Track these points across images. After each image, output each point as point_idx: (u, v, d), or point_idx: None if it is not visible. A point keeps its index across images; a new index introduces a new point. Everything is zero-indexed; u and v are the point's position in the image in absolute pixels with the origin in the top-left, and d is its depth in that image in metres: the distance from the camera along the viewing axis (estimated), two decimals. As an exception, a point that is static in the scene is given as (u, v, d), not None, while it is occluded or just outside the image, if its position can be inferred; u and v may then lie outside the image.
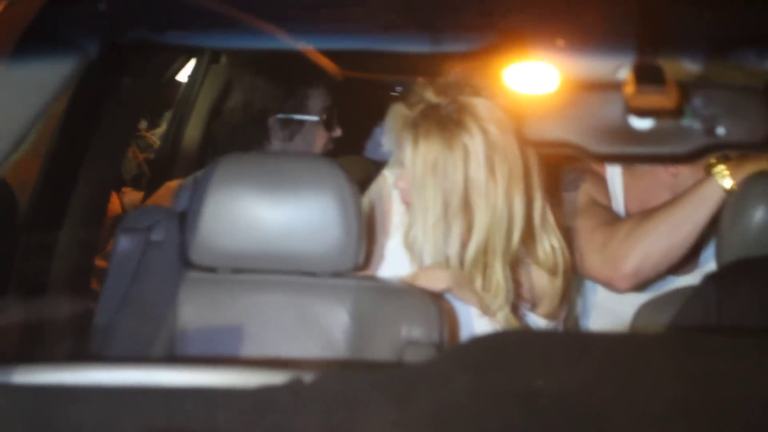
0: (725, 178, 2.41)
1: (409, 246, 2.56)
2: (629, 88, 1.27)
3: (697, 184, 2.50)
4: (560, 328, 2.56)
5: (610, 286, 2.64)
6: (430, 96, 2.35)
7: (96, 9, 1.47)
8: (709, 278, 2.45)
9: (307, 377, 1.31)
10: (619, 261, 2.56)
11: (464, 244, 2.46)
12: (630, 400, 1.19)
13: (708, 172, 2.45)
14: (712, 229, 2.50)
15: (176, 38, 1.87)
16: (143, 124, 4.57)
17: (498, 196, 2.36)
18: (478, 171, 2.34)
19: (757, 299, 2.37)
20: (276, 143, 3.18)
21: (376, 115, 2.82)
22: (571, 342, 1.39)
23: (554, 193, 2.54)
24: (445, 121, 2.33)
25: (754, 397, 1.20)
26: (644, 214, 2.58)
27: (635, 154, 1.40)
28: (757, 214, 2.30)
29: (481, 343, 1.44)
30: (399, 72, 2.63)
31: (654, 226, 2.53)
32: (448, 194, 2.40)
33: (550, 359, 1.28)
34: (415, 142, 2.40)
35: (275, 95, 3.14)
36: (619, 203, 2.78)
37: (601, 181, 2.76)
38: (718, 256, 2.44)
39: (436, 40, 1.52)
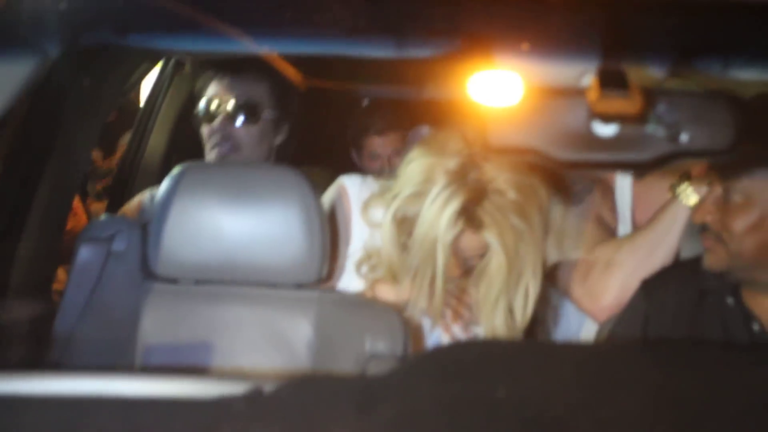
0: (689, 196, 2.45)
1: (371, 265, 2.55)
2: (593, 94, 1.26)
3: (663, 206, 2.58)
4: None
5: (591, 316, 2.68)
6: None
7: (56, 9, 1.45)
8: (640, 289, 2.49)
9: (268, 387, 1.29)
10: (599, 295, 2.63)
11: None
12: (592, 410, 1.18)
13: (672, 192, 2.49)
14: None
15: (139, 41, 1.84)
16: (98, 155, 4.54)
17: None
18: None
19: (676, 305, 2.41)
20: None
21: (339, 126, 2.81)
22: (535, 352, 1.37)
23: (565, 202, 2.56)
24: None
25: (717, 408, 1.19)
26: (619, 243, 2.65)
27: (599, 161, 1.39)
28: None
29: (444, 353, 1.43)
30: (364, 81, 2.63)
31: (629, 254, 2.60)
32: None
33: (512, 369, 1.27)
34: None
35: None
36: (626, 214, 2.81)
37: (609, 192, 2.82)
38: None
39: (400, 45, 1.51)
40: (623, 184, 2.81)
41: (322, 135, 2.70)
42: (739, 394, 1.21)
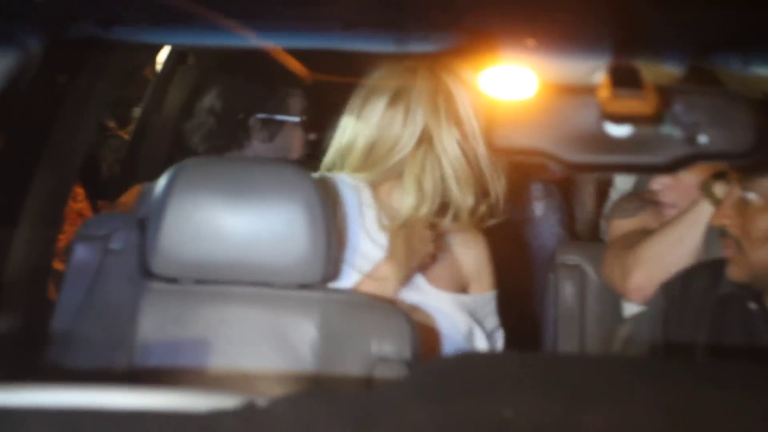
0: (714, 197, 2.41)
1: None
2: (604, 92, 1.18)
3: (691, 203, 2.61)
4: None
5: (625, 297, 2.81)
6: None
7: (34, 1, 1.38)
8: (660, 291, 2.45)
9: (261, 401, 1.23)
10: (627, 275, 2.72)
11: None
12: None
13: (701, 190, 2.44)
14: None
15: (126, 34, 1.78)
16: (112, 123, 4.49)
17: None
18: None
19: (696, 308, 2.36)
20: (256, 144, 3.16)
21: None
22: (546, 366, 1.29)
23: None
24: None
25: (738, 427, 1.12)
26: (650, 233, 2.73)
27: (611, 164, 1.31)
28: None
29: (450, 365, 1.35)
30: (365, 75, 2.58)
31: (654, 244, 2.67)
32: None
33: (521, 385, 1.19)
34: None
35: (256, 95, 3.13)
36: None
37: (660, 212, 2.85)
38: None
39: (402, 41, 1.44)
40: None
41: (327, 129, 2.64)
42: (759, 415, 1.13)
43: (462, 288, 2.64)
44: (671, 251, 2.63)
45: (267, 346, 2.34)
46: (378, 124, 2.51)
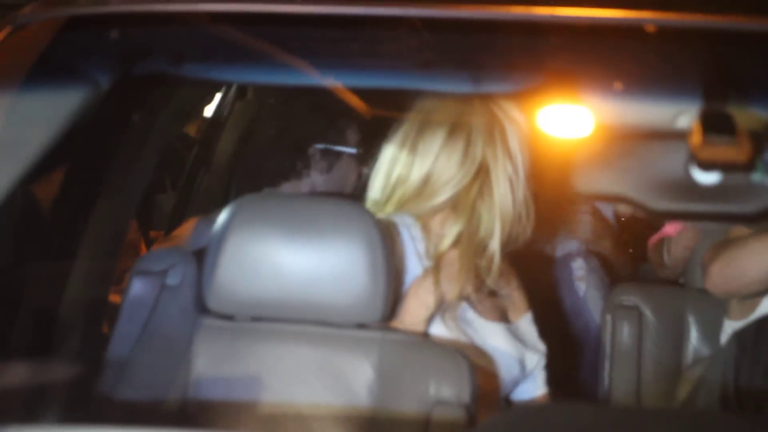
0: None
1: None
2: (695, 138, 1.13)
3: None
4: None
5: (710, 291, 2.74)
6: None
7: (107, 38, 1.36)
8: (732, 338, 2.38)
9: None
10: (713, 266, 2.63)
11: None
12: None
13: None
14: None
15: (195, 71, 1.76)
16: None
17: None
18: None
19: None
20: (314, 174, 3.13)
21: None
22: (615, 419, 1.24)
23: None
24: None
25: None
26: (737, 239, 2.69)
27: (699, 212, 1.26)
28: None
29: (513, 420, 1.30)
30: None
31: (743, 245, 2.55)
32: None
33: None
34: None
35: (316, 124, 3.13)
36: None
37: None
38: None
39: (476, 80, 1.40)
40: None
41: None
42: None
43: (504, 317, 2.61)
44: (745, 255, 2.48)
45: (322, 386, 2.30)
46: (436, 157, 2.48)
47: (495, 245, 2.50)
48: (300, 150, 3.11)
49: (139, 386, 2.31)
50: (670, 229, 3.46)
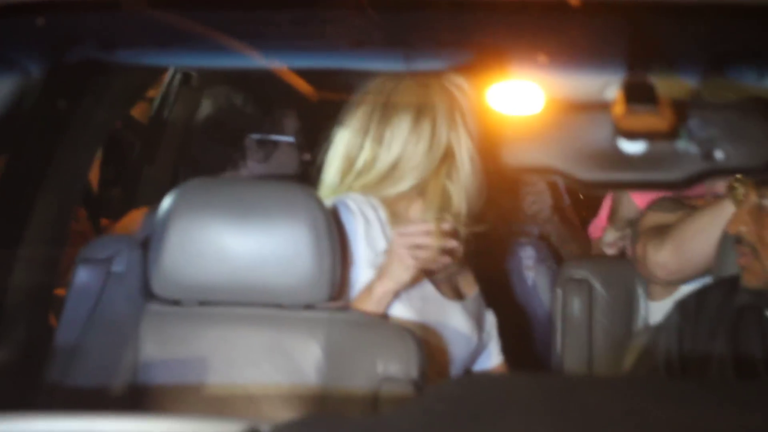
0: (738, 200, 2.42)
1: None
2: (618, 109, 1.15)
3: (717, 200, 2.68)
4: None
5: (650, 275, 2.89)
6: None
7: (36, 26, 1.35)
8: (675, 307, 2.43)
9: (264, 427, 1.21)
10: (655, 252, 2.79)
11: None
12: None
13: (728, 188, 2.46)
14: None
15: (127, 57, 1.75)
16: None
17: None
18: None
19: (711, 322, 2.35)
20: (252, 164, 3.13)
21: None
22: (557, 389, 1.26)
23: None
24: None
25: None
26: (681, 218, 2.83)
27: (626, 181, 1.28)
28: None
29: (457, 388, 1.31)
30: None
31: (682, 226, 2.77)
32: None
33: (532, 410, 1.16)
34: None
35: (251, 115, 3.12)
36: None
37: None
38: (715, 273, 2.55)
39: (410, 58, 1.41)
40: None
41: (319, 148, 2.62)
42: None
43: (459, 295, 2.64)
44: (694, 237, 2.70)
45: (271, 367, 2.31)
46: (403, 143, 2.50)
47: (461, 221, 2.53)
48: (235, 141, 3.12)
49: (87, 373, 2.30)
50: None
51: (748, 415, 1.09)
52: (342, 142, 2.57)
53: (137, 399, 2.29)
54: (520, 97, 1.26)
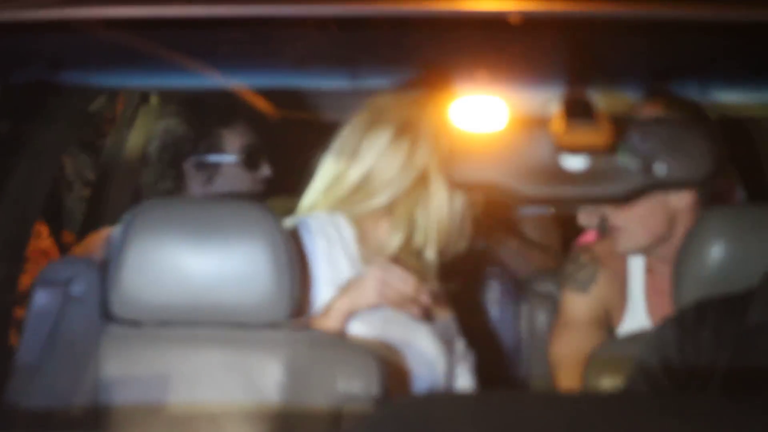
0: None
1: None
2: (558, 124, 1.16)
3: None
4: None
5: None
6: None
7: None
8: (669, 321, 2.40)
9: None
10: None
11: None
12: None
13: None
14: None
15: (80, 78, 1.75)
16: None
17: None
18: None
19: (718, 339, 2.31)
20: (195, 188, 3.04)
21: (309, 155, 2.72)
22: (515, 405, 1.26)
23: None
24: None
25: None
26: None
27: (567, 196, 1.29)
28: (714, 251, 2.27)
29: (416, 405, 1.31)
30: (336, 111, 2.53)
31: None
32: None
33: (490, 428, 1.16)
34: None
35: (187, 137, 3.02)
36: (638, 300, 2.75)
37: (618, 280, 2.77)
38: (676, 296, 2.42)
39: (355, 76, 1.42)
40: (635, 270, 2.76)
41: (292, 164, 2.60)
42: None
43: (427, 316, 2.63)
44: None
45: (232, 387, 2.30)
46: (378, 156, 2.43)
47: (431, 254, 2.50)
48: (172, 165, 3.03)
49: (47, 395, 2.30)
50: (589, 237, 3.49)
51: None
52: (325, 162, 2.53)
53: (98, 421, 2.27)
54: (462, 114, 1.27)
